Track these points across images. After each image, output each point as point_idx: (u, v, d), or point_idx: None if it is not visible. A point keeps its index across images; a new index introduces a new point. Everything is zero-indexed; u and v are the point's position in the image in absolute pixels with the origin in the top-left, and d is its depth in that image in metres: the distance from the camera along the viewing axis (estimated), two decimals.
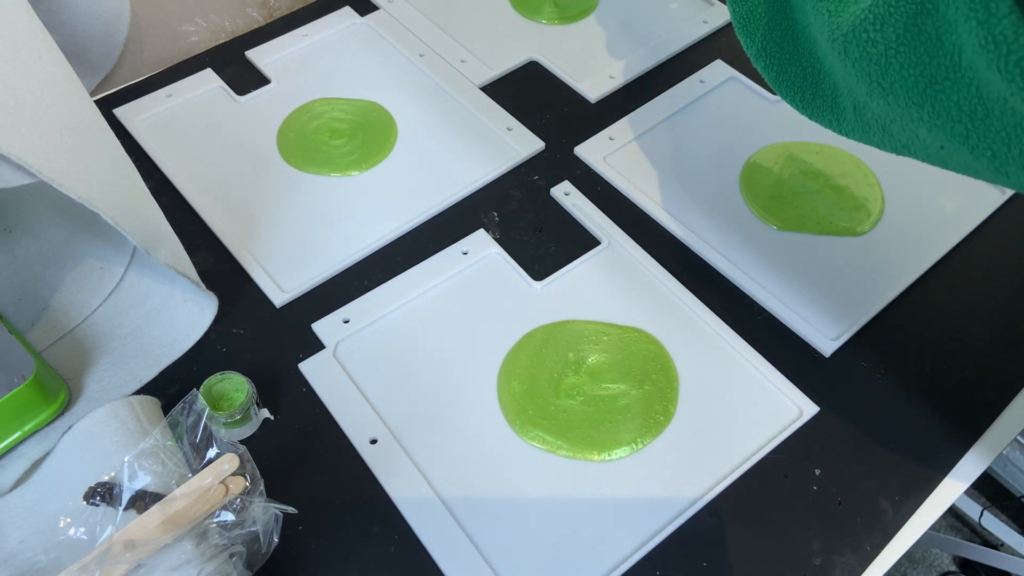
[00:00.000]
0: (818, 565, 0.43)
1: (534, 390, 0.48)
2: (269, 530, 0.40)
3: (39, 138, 0.39)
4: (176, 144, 0.62)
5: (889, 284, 0.53)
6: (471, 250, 0.55)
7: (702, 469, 0.46)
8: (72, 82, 0.44)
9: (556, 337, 0.51)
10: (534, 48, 0.69)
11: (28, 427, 0.45)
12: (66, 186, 0.39)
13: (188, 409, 0.43)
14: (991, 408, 0.49)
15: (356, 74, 0.67)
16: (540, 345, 0.50)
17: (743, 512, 0.44)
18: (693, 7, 0.73)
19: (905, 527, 0.44)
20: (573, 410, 0.48)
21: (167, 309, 0.51)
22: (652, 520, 0.44)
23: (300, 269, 0.54)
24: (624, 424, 0.47)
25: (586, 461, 0.46)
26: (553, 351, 0.50)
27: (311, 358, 0.50)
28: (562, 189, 0.59)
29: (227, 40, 0.71)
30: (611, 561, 0.42)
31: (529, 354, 0.50)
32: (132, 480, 0.41)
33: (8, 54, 0.39)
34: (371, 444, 0.46)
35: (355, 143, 0.62)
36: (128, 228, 0.43)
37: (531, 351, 0.50)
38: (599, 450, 0.46)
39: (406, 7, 0.72)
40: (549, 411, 0.48)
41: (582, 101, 0.66)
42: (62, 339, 0.51)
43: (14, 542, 0.42)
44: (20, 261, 0.53)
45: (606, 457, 0.46)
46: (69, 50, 0.62)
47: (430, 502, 0.44)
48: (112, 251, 0.53)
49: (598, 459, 0.46)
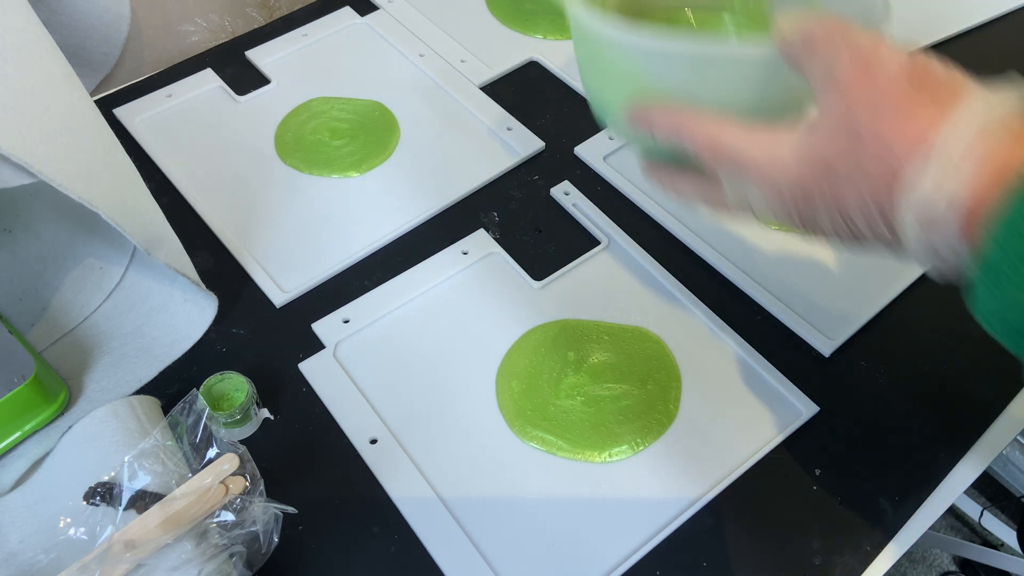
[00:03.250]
0: (818, 565, 0.43)
1: (533, 390, 0.48)
2: (269, 530, 0.40)
3: (39, 138, 0.39)
4: (176, 144, 0.62)
5: (889, 284, 0.53)
6: (471, 250, 0.55)
7: (702, 469, 0.46)
8: (72, 82, 0.44)
9: (556, 336, 0.51)
10: (534, 48, 0.69)
11: (28, 427, 0.45)
12: (66, 186, 0.39)
13: (188, 409, 0.43)
14: (991, 408, 0.49)
15: (356, 74, 0.67)
16: (539, 344, 0.51)
17: (743, 512, 0.44)
18: None
19: (905, 527, 0.44)
20: (573, 410, 0.48)
21: (167, 309, 0.51)
22: (652, 520, 0.44)
23: (300, 269, 0.54)
24: (625, 425, 0.47)
25: (586, 462, 0.46)
26: (553, 350, 0.50)
27: (311, 358, 0.50)
28: (562, 189, 0.59)
29: (227, 40, 0.70)
30: (611, 561, 0.42)
31: (528, 353, 0.50)
32: (132, 480, 0.41)
33: (8, 54, 0.39)
34: (371, 444, 0.46)
35: (356, 143, 0.62)
36: (128, 228, 0.43)
37: (530, 350, 0.50)
38: (599, 450, 0.46)
39: (406, 7, 0.72)
40: (549, 411, 0.48)
41: (582, 101, 0.66)
42: (62, 339, 0.51)
43: (14, 542, 0.42)
44: (20, 261, 0.53)
45: (606, 458, 0.46)
46: (69, 50, 0.62)
47: (430, 502, 0.44)
48: (112, 251, 0.53)
49: (598, 460, 0.46)
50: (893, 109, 0.30)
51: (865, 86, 0.30)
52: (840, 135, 0.31)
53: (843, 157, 0.31)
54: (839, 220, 0.32)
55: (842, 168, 0.31)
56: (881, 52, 0.31)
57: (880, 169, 0.30)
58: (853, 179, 0.31)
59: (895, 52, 0.31)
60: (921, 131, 0.29)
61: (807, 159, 0.32)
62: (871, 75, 0.30)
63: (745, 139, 0.34)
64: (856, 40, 0.31)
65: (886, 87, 0.30)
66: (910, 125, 0.29)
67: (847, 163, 0.31)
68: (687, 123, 0.36)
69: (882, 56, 0.31)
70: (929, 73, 0.30)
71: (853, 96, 0.31)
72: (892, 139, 0.30)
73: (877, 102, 0.30)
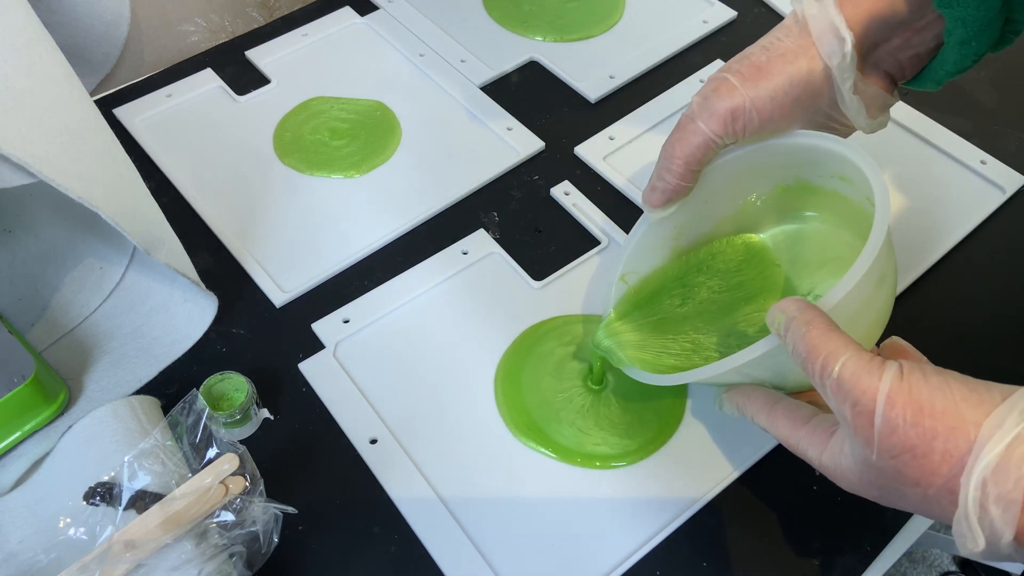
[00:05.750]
0: (818, 565, 0.43)
1: (534, 397, 0.48)
2: (269, 530, 0.40)
3: (39, 138, 0.39)
4: (176, 144, 0.62)
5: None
6: (471, 250, 0.55)
7: (702, 469, 0.46)
8: (72, 82, 0.44)
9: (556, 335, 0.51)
10: (534, 48, 0.69)
11: (28, 427, 0.45)
12: (66, 186, 0.39)
13: (188, 409, 0.43)
14: None
15: (356, 74, 0.67)
16: (537, 343, 0.50)
17: (743, 512, 0.44)
18: (693, 7, 0.73)
19: (905, 527, 0.44)
20: (573, 425, 0.47)
21: (167, 309, 0.51)
22: (652, 520, 0.44)
23: (300, 269, 0.54)
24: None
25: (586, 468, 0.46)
26: (552, 351, 0.50)
27: (311, 358, 0.50)
28: (562, 189, 0.59)
29: (227, 40, 0.70)
30: (611, 561, 0.42)
31: (525, 352, 0.50)
32: (132, 480, 0.41)
33: (8, 54, 0.39)
34: (371, 444, 0.46)
35: (357, 144, 0.62)
36: (128, 228, 0.43)
37: (527, 349, 0.50)
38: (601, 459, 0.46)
39: (406, 7, 0.72)
40: (548, 422, 0.47)
41: (582, 101, 0.66)
42: (62, 339, 0.51)
43: (14, 542, 0.42)
44: (20, 261, 0.53)
45: (611, 465, 0.46)
46: (69, 50, 0.62)
47: (430, 502, 0.44)
48: (112, 251, 0.53)
49: (600, 467, 0.46)
50: (908, 456, 0.31)
51: (868, 430, 0.32)
52: (874, 471, 0.33)
53: (887, 487, 0.33)
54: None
55: (893, 494, 0.34)
56: (867, 382, 0.32)
57: (924, 502, 0.32)
58: (905, 501, 0.33)
59: (882, 377, 0.32)
60: (941, 477, 0.31)
61: (861, 479, 0.35)
62: (869, 416, 0.32)
63: (810, 441, 0.38)
64: (841, 372, 0.32)
65: (890, 435, 0.31)
66: (928, 464, 0.31)
67: (893, 492, 0.33)
68: (764, 417, 0.40)
69: (869, 386, 0.32)
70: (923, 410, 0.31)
71: (865, 440, 0.32)
72: (924, 482, 0.31)
73: (890, 450, 0.32)
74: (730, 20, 0.71)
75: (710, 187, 0.46)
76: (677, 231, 0.49)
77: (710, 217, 0.49)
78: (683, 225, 0.49)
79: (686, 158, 0.43)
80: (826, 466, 0.37)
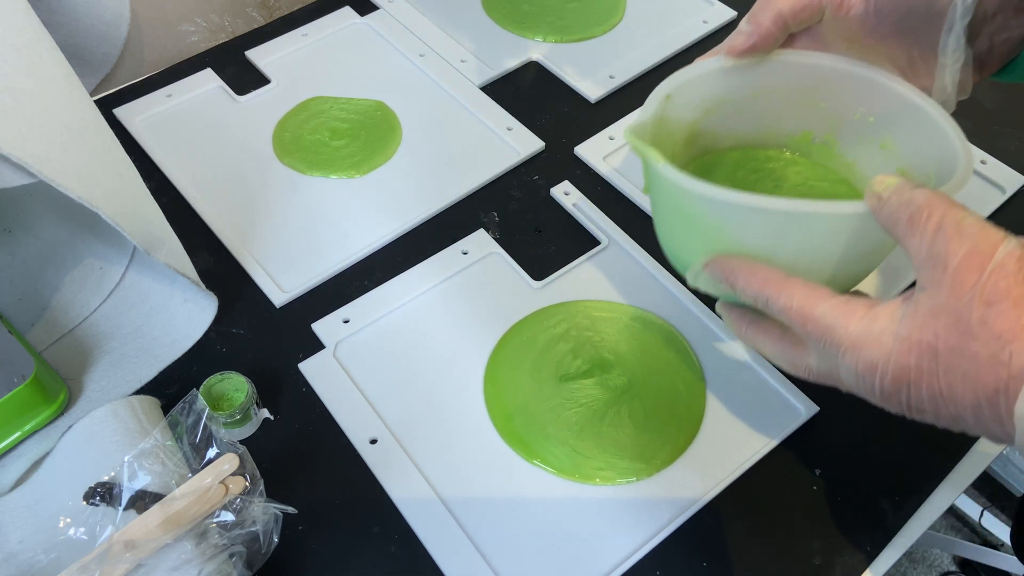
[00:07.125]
0: (818, 565, 0.43)
1: (527, 408, 0.48)
2: (269, 530, 0.40)
3: (39, 138, 0.39)
4: (176, 144, 0.62)
5: (889, 283, 0.53)
6: (471, 250, 0.55)
7: (703, 469, 0.46)
8: (72, 82, 0.44)
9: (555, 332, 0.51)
10: (534, 48, 0.69)
11: (28, 427, 0.45)
12: (66, 186, 0.39)
13: (188, 409, 0.43)
14: None
15: (356, 74, 0.67)
16: (534, 341, 0.50)
17: (743, 512, 0.44)
18: (693, 7, 0.73)
19: (905, 527, 0.44)
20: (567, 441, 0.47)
21: (167, 309, 0.51)
22: (652, 520, 0.44)
23: (300, 269, 0.54)
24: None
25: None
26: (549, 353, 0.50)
27: (311, 358, 0.50)
28: (562, 189, 0.59)
29: (227, 40, 0.70)
30: (611, 561, 0.42)
31: (521, 351, 0.50)
32: (132, 480, 0.41)
33: (8, 54, 0.39)
34: (371, 444, 0.46)
35: (357, 144, 0.62)
36: (128, 228, 0.43)
37: (524, 347, 0.50)
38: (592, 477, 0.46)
39: (406, 7, 0.72)
40: (543, 431, 0.48)
41: (582, 101, 0.66)
42: (62, 339, 0.51)
43: (14, 542, 0.42)
44: (20, 261, 0.53)
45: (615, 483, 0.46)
46: (69, 50, 0.62)
47: (430, 502, 0.44)
48: (112, 251, 0.53)
49: (600, 483, 0.45)
50: (1008, 303, 0.29)
51: (975, 275, 0.29)
52: (947, 320, 0.30)
53: (950, 344, 0.30)
54: (941, 405, 0.31)
55: (948, 355, 0.30)
56: (992, 238, 0.30)
57: (992, 363, 0.29)
58: (960, 368, 0.30)
59: (1004, 240, 0.30)
60: None
61: (907, 339, 0.31)
62: (982, 263, 0.29)
63: (839, 311, 0.33)
64: (962, 221, 0.30)
65: (998, 280, 0.29)
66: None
67: (954, 351, 0.30)
68: (775, 287, 0.35)
69: (992, 242, 0.30)
70: None
71: (962, 284, 0.30)
72: (1008, 335, 0.29)
73: (989, 294, 0.29)
74: (730, 20, 0.71)
75: (770, 84, 0.44)
76: (722, 111, 0.45)
77: (757, 121, 0.47)
78: (731, 108, 0.45)
79: (782, 7, 0.41)
80: (852, 335, 0.32)
